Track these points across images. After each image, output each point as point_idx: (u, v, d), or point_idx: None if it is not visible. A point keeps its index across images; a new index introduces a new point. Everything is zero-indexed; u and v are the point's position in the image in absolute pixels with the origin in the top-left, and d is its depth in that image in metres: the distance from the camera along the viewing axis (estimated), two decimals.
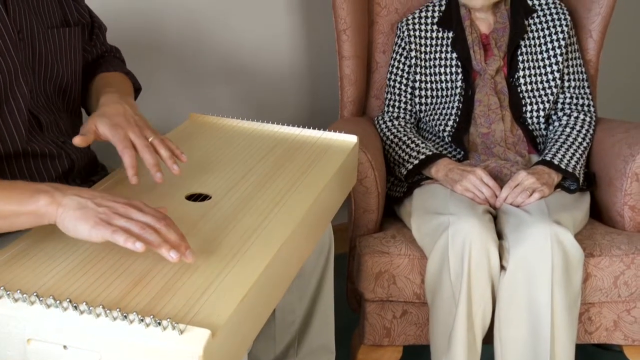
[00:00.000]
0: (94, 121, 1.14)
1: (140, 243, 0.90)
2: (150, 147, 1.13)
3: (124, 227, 0.92)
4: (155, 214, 0.96)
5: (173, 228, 0.96)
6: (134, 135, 1.13)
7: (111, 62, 1.43)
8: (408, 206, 1.72)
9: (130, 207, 0.96)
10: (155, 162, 1.12)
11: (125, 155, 1.10)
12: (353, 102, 1.98)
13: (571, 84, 1.84)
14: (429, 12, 1.87)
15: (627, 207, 1.69)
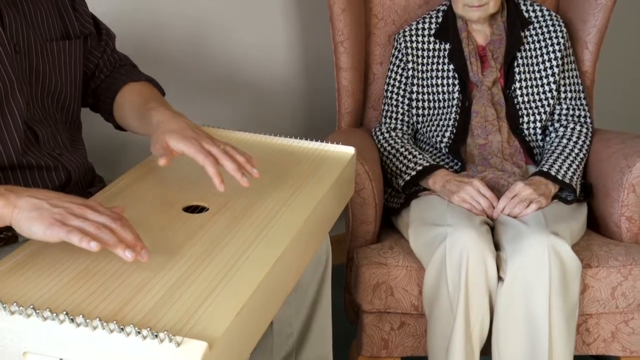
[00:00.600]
0: (163, 139, 1.14)
1: (95, 242, 0.91)
2: (227, 154, 1.14)
3: (79, 227, 0.93)
4: (110, 214, 0.97)
5: (128, 228, 0.96)
6: (209, 144, 1.14)
7: (132, 72, 1.42)
8: (405, 217, 1.72)
9: (86, 208, 0.96)
10: (237, 167, 1.13)
11: (208, 165, 1.11)
12: (350, 114, 1.98)
13: (567, 95, 1.85)
14: (425, 23, 1.88)
15: (624, 218, 1.70)
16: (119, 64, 1.44)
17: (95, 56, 1.40)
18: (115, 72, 1.42)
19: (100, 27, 1.41)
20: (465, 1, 1.76)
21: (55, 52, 1.25)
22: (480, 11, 1.77)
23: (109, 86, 1.40)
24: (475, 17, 1.79)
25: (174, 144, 1.14)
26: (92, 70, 1.40)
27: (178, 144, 1.13)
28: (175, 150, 1.15)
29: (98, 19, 1.42)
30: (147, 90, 1.38)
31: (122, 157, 1.96)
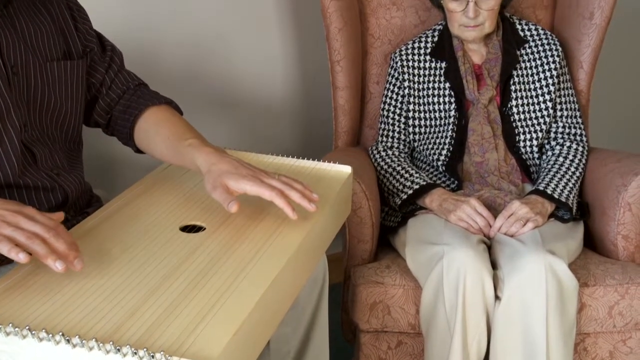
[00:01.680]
0: (222, 182, 1.15)
1: (23, 254, 0.91)
2: (288, 184, 1.17)
3: (10, 236, 0.93)
4: (45, 222, 0.96)
5: (63, 237, 0.96)
6: (268, 179, 1.16)
7: (150, 94, 1.40)
8: (402, 236, 1.72)
9: (20, 216, 0.96)
10: (301, 196, 1.16)
11: (276, 199, 1.14)
12: (347, 132, 1.99)
13: (563, 114, 1.86)
14: (421, 42, 1.89)
15: (620, 237, 1.70)
16: (132, 84, 1.41)
17: (100, 72, 1.37)
18: (131, 93, 1.40)
19: (105, 44, 1.39)
20: (461, 21, 1.77)
21: (56, 72, 1.25)
22: (476, 31, 1.78)
23: (126, 109, 1.37)
24: (471, 37, 1.80)
25: (235, 185, 1.14)
26: (96, 86, 1.37)
27: (239, 185, 1.14)
28: (236, 191, 1.15)
29: (104, 37, 1.40)
30: (174, 118, 1.35)
31: (119, 176, 1.96)
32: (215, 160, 1.18)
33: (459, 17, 1.77)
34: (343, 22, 1.89)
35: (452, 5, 1.76)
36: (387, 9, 2.00)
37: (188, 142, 1.24)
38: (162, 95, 1.42)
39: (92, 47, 1.35)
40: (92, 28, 1.37)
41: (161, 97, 1.41)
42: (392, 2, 2.00)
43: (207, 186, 1.17)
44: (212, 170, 1.17)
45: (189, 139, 1.25)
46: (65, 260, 0.94)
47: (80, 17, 1.34)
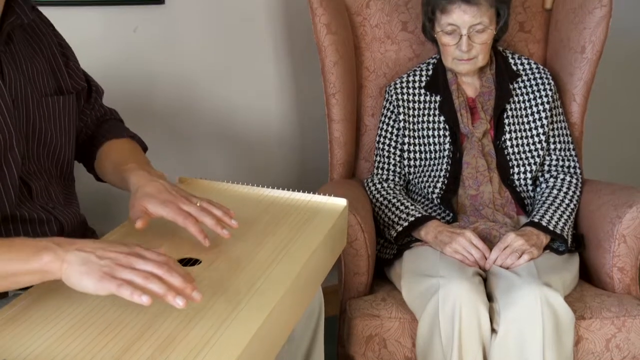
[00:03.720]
0: (141, 203, 1.18)
1: (146, 297, 0.92)
2: (205, 210, 1.18)
3: (128, 279, 0.94)
4: (156, 258, 0.97)
5: (176, 270, 0.97)
6: (186, 205, 1.18)
7: (116, 127, 1.45)
8: (398, 268, 1.71)
9: (132, 256, 0.97)
10: (216, 222, 1.18)
11: (190, 226, 1.16)
12: (343, 165, 1.99)
13: (557, 146, 1.87)
14: (416, 76, 1.91)
15: (616, 269, 1.70)
16: (103, 118, 1.46)
17: (86, 114, 1.43)
18: (99, 126, 1.45)
19: (90, 85, 1.44)
20: (455, 55, 1.79)
21: (50, 106, 1.27)
22: (470, 64, 1.80)
23: (91, 140, 1.43)
24: (465, 70, 1.82)
25: (152, 208, 1.17)
26: (80, 127, 1.43)
27: (156, 209, 1.17)
28: (154, 214, 1.18)
29: (89, 76, 1.45)
30: (128, 147, 1.41)
31: (115, 209, 1.96)
32: (143, 183, 1.22)
33: (452, 50, 1.79)
34: (338, 55, 1.91)
35: (446, 39, 1.78)
36: (381, 42, 2.02)
37: (127, 166, 1.29)
38: (129, 130, 1.47)
39: (83, 87, 1.39)
40: (79, 67, 1.40)
41: (126, 131, 1.46)
42: (387, 35, 2.02)
43: (130, 205, 1.21)
44: (138, 191, 1.21)
45: (130, 163, 1.30)
46: (183, 294, 0.94)
47: (70, 55, 1.37)
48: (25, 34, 1.27)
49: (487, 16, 1.76)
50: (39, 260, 0.96)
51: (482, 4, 1.74)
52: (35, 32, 1.30)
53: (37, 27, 1.30)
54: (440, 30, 1.79)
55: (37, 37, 1.30)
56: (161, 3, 1.92)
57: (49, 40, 1.32)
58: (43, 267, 0.96)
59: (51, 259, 0.96)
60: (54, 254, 0.96)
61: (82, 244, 0.98)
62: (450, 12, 1.75)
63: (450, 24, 1.76)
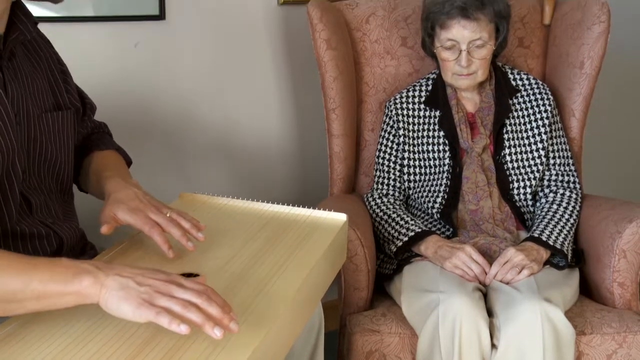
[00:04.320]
0: (111, 209, 1.19)
1: (185, 326, 0.91)
2: (173, 221, 1.19)
3: (167, 307, 0.93)
4: (195, 287, 0.97)
5: (215, 300, 0.96)
6: (154, 214, 1.19)
7: (102, 140, 1.46)
8: (398, 284, 1.71)
9: (171, 284, 0.97)
10: (182, 234, 1.19)
11: (155, 235, 1.17)
12: (342, 180, 2.00)
13: (556, 161, 1.88)
14: (416, 91, 1.92)
15: (616, 284, 1.70)
16: (92, 132, 1.48)
17: (80, 132, 1.44)
18: (86, 139, 1.46)
19: (85, 101, 1.45)
20: (454, 70, 1.80)
21: (50, 122, 1.28)
22: (469, 79, 1.81)
23: (78, 153, 1.43)
24: (464, 85, 1.82)
25: (121, 215, 1.19)
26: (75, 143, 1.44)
27: (125, 216, 1.19)
28: (122, 221, 1.19)
29: (83, 93, 1.45)
30: (110, 158, 1.42)
31: None
32: (116, 189, 1.24)
33: (452, 65, 1.79)
34: (338, 71, 1.92)
35: (445, 54, 1.79)
36: (381, 58, 2.03)
37: (105, 175, 1.31)
38: (115, 143, 1.48)
39: (77, 107, 1.40)
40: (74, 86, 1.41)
41: (111, 144, 1.47)
42: (387, 51, 2.03)
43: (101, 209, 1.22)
44: (110, 197, 1.23)
45: (108, 171, 1.32)
46: (221, 324, 0.94)
47: (68, 73, 1.38)
48: (25, 50, 1.28)
49: (487, 31, 1.77)
50: (78, 283, 0.95)
51: (482, 20, 1.75)
52: (34, 48, 1.31)
53: (36, 43, 1.31)
54: (440, 46, 1.80)
55: (37, 54, 1.31)
56: (162, 19, 1.93)
57: (47, 56, 1.33)
58: (82, 290, 0.95)
59: (91, 282, 0.95)
60: (94, 278, 0.96)
61: (120, 269, 0.98)
62: (450, 27, 1.76)
63: (449, 39, 1.77)
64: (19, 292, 0.95)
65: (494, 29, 1.80)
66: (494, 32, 1.80)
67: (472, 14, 1.74)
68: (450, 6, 1.75)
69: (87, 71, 1.56)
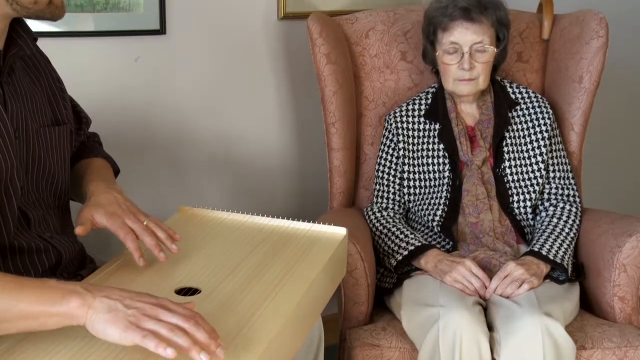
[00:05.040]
0: (89, 211, 1.21)
1: (171, 349, 0.91)
2: (148, 230, 1.20)
3: (153, 330, 0.93)
4: (183, 312, 0.97)
5: (202, 326, 0.96)
6: (131, 221, 1.20)
7: (91, 148, 1.48)
8: (398, 297, 1.71)
9: (159, 308, 0.96)
10: (156, 243, 1.20)
11: (128, 241, 1.18)
12: (342, 193, 2.00)
13: (556, 175, 1.88)
14: (415, 104, 1.92)
15: (616, 298, 1.69)
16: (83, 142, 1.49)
17: (75, 146, 1.44)
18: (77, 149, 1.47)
19: (80, 115, 1.46)
20: (456, 75, 1.80)
21: (48, 137, 1.28)
22: (471, 85, 1.81)
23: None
24: (466, 91, 1.82)
25: (98, 218, 1.21)
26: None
27: (101, 219, 1.20)
28: (98, 224, 1.20)
29: (78, 107, 1.46)
30: (96, 163, 1.43)
31: (114, 238, 1.95)
32: (97, 192, 1.26)
33: (454, 70, 1.80)
34: (338, 85, 1.93)
35: (447, 58, 1.80)
36: (380, 72, 2.04)
37: (88, 178, 1.32)
38: (104, 152, 1.49)
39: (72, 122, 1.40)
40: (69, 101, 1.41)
41: (100, 152, 1.48)
42: (386, 65, 2.04)
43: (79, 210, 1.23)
44: (91, 199, 1.25)
45: (91, 175, 1.33)
46: (208, 350, 0.94)
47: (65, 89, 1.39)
48: (24, 65, 1.29)
49: (488, 35, 1.78)
50: (66, 304, 0.95)
51: (484, 22, 1.77)
52: (34, 64, 1.32)
53: (35, 59, 1.32)
54: (442, 50, 1.80)
55: (36, 69, 1.31)
56: (162, 34, 1.94)
57: (46, 72, 1.33)
58: (69, 312, 0.95)
59: (79, 304, 0.95)
60: (82, 299, 0.96)
61: (109, 291, 0.98)
62: (452, 29, 1.77)
63: (452, 42, 1.78)
64: (6, 312, 0.95)
65: (494, 36, 1.81)
66: (494, 39, 1.81)
67: (475, 16, 1.76)
68: (453, 8, 1.77)
69: (87, 85, 1.57)
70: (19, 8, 1.14)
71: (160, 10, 1.91)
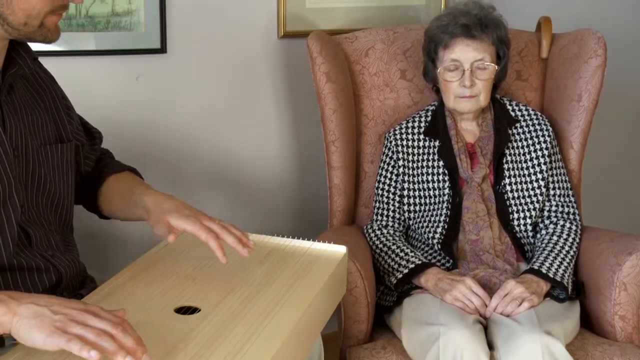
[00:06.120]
0: (164, 219, 1.22)
1: (94, 352, 0.90)
2: (226, 228, 1.23)
3: (79, 334, 0.92)
4: (112, 319, 0.96)
5: (130, 333, 0.96)
6: (207, 222, 1.23)
7: (113, 164, 1.48)
8: (398, 316, 1.70)
9: (87, 314, 0.96)
10: (237, 239, 1.23)
11: (211, 241, 1.21)
12: (342, 211, 2.00)
13: (556, 192, 1.88)
14: (415, 122, 1.93)
15: (617, 317, 1.69)
16: (99, 158, 1.49)
17: (91, 159, 1.45)
18: (96, 165, 1.47)
19: (92, 132, 1.47)
20: (457, 92, 1.81)
21: (50, 155, 1.28)
22: (472, 102, 1.81)
23: (91, 179, 1.45)
24: (467, 108, 1.83)
25: (175, 222, 1.21)
26: (87, 170, 1.45)
27: (178, 222, 1.21)
28: (176, 228, 1.21)
29: (88, 124, 1.47)
30: (133, 178, 1.45)
31: (113, 256, 1.96)
32: (160, 200, 1.27)
33: (455, 87, 1.80)
34: (337, 103, 1.93)
35: (449, 75, 1.81)
36: (380, 90, 2.05)
37: (138, 191, 1.33)
38: (125, 164, 1.50)
39: (82, 142, 1.41)
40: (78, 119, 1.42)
41: (124, 165, 1.49)
42: (386, 83, 2.05)
43: (151, 222, 1.24)
44: (156, 209, 1.25)
45: (139, 188, 1.34)
46: (134, 356, 0.93)
47: (71, 106, 1.40)
48: (27, 83, 1.29)
49: (489, 53, 1.79)
50: None
51: (485, 40, 1.78)
52: (37, 80, 1.32)
53: (39, 76, 1.33)
54: (443, 68, 1.81)
55: (39, 86, 1.32)
56: (163, 52, 1.95)
57: (50, 89, 1.34)
58: None
59: (4, 311, 0.95)
60: (6, 307, 0.95)
61: (37, 298, 0.98)
62: (453, 46, 1.78)
63: (453, 59, 1.79)
64: None
65: (495, 53, 1.82)
66: (495, 56, 1.82)
67: (476, 34, 1.77)
68: (454, 26, 1.78)
69: (89, 104, 1.57)
70: (10, 29, 1.13)
71: (161, 29, 1.93)
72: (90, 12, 1.83)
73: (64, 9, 1.17)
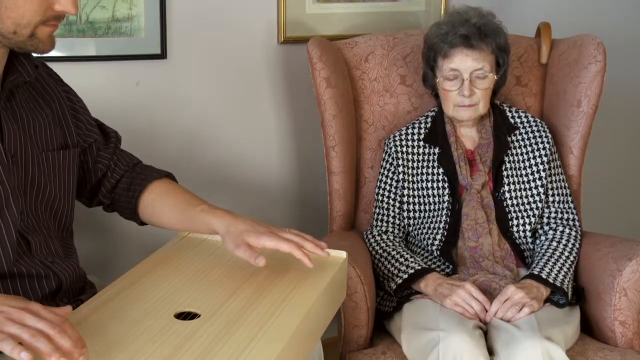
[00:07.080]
0: (244, 241, 1.25)
1: (25, 353, 0.89)
2: (301, 236, 1.29)
3: (14, 334, 0.92)
4: (51, 318, 0.95)
5: (69, 333, 0.95)
6: (283, 234, 1.28)
7: (149, 169, 1.48)
8: (398, 321, 1.70)
9: (25, 312, 0.95)
10: (314, 244, 1.29)
11: (295, 251, 1.25)
12: (342, 217, 2.00)
13: (555, 199, 1.88)
14: (415, 128, 1.93)
15: (617, 323, 1.69)
16: (131, 163, 1.48)
17: (106, 158, 1.44)
18: (131, 171, 1.46)
19: (106, 130, 1.46)
20: (456, 101, 1.81)
21: (51, 161, 1.28)
22: (471, 111, 1.81)
23: (129, 186, 1.44)
24: (466, 117, 1.83)
25: (255, 241, 1.25)
26: (103, 171, 1.44)
27: (259, 241, 1.25)
28: (256, 247, 1.25)
29: (103, 124, 1.47)
30: (177, 188, 1.46)
31: (113, 262, 1.96)
32: (231, 222, 1.29)
33: (454, 96, 1.81)
34: (337, 109, 1.94)
35: (448, 84, 1.81)
36: (380, 95, 2.05)
37: (200, 208, 1.34)
38: (160, 169, 1.50)
39: (95, 138, 1.41)
40: (91, 117, 1.41)
41: (160, 171, 1.49)
42: (385, 89, 2.05)
43: (229, 246, 1.27)
44: (231, 230, 1.28)
45: (199, 205, 1.36)
46: (70, 358, 0.92)
47: (80, 109, 1.38)
48: (30, 89, 1.29)
49: (488, 62, 1.79)
50: None
51: (484, 49, 1.78)
52: (42, 86, 1.31)
53: (43, 81, 1.32)
54: (442, 77, 1.81)
55: (44, 91, 1.31)
56: (163, 58, 1.96)
57: (56, 94, 1.33)
58: None
59: None
60: None
61: None
62: (453, 56, 1.78)
63: (452, 69, 1.79)
64: None
65: (494, 62, 1.82)
66: (494, 65, 1.82)
67: (475, 43, 1.77)
68: (453, 36, 1.78)
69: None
70: (0, 38, 1.12)
71: (162, 35, 1.93)
72: (90, 18, 1.83)
73: (58, 20, 1.15)
